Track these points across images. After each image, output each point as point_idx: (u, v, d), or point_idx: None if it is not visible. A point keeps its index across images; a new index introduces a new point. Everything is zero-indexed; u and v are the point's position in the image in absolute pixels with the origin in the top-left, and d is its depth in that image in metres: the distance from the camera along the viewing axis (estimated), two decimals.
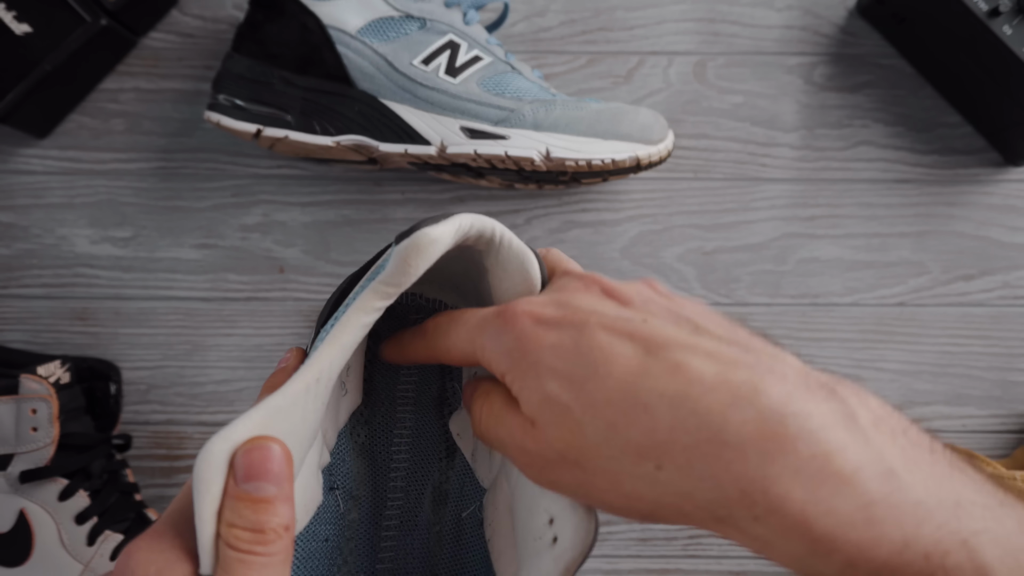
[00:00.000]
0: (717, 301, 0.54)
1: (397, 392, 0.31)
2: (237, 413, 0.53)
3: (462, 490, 0.30)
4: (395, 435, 0.31)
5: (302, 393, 0.23)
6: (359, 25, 0.47)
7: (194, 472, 0.21)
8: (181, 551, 0.21)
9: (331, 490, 0.28)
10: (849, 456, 0.20)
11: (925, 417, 0.54)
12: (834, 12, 0.55)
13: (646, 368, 0.21)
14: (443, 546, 0.30)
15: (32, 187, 0.54)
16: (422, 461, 0.30)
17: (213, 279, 0.54)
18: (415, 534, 0.30)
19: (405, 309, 0.31)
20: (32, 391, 0.46)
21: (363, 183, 0.54)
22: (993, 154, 0.55)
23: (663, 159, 0.49)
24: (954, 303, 0.54)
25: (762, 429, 0.20)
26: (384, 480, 0.30)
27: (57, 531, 0.46)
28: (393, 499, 0.30)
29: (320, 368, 0.23)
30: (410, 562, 0.29)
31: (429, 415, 0.31)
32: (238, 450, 0.21)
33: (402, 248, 0.23)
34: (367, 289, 0.24)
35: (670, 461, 0.20)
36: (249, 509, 0.21)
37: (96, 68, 0.53)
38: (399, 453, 0.30)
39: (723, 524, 0.21)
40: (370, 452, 0.30)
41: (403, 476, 0.30)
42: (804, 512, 0.19)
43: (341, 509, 0.28)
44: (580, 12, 0.55)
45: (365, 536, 0.29)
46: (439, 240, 0.23)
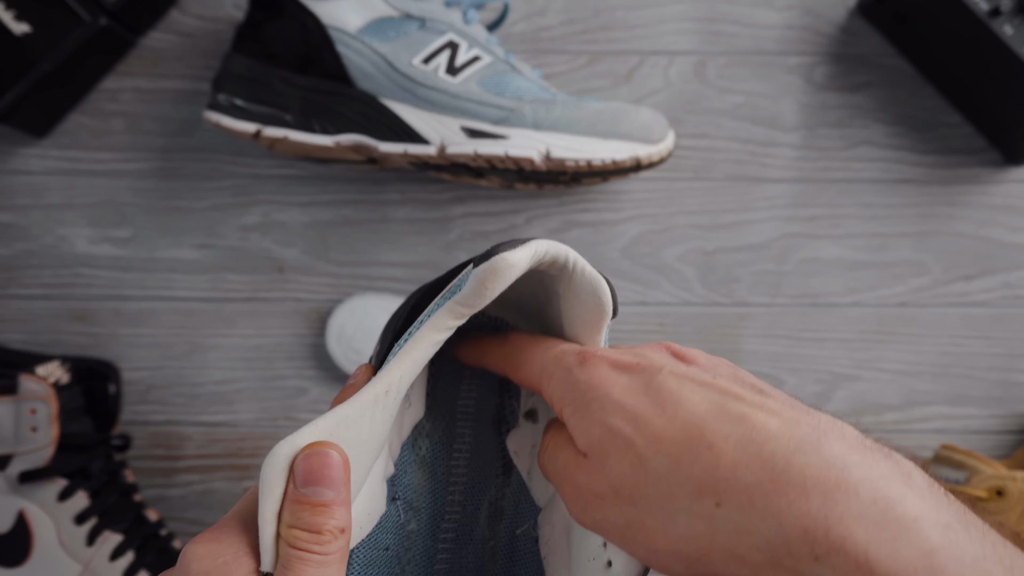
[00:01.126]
0: (717, 301, 0.54)
1: (457, 407, 0.32)
2: (237, 413, 0.54)
3: (517, 507, 0.31)
4: (454, 449, 0.31)
5: (370, 404, 0.24)
6: (359, 25, 0.47)
7: (260, 475, 0.22)
8: (245, 547, 0.23)
9: (393, 500, 0.29)
10: (909, 505, 0.20)
11: (926, 417, 0.54)
12: (834, 12, 0.55)
13: (713, 413, 0.22)
14: (497, 561, 0.30)
15: (32, 187, 0.54)
16: (479, 476, 0.31)
17: (213, 279, 0.54)
18: (470, 548, 0.30)
19: (467, 326, 0.30)
20: (31, 391, 0.46)
21: (363, 183, 0.54)
22: (994, 154, 0.55)
23: (663, 159, 0.49)
24: (955, 303, 0.54)
25: (825, 473, 0.20)
26: (443, 493, 0.31)
27: (56, 531, 0.46)
28: (451, 512, 0.30)
29: (391, 381, 0.24)
30: (464, 575, 0.30)
31: (487, 432, 0.32)
32: (298, 455, 0.22)
33: (480, 271, 0.24)
34: (442, 308, 0.25)
35: (731, 499, 0.21)
36: (308, 512, 0.22)
37: (95, 68, 0.53)
38: (458, 467, 0.31)
39: (780, 567, 0.20)
40: (430, 465, 0.31)
41: (460, 490, 0.31)
42: (867, 553, 0.19)
43: (402, 519, 0.29)
44: (580, 12, 0.55)
45: (423, 547, 0.29)
46: (516, 265, 0.24)
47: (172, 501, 0.53)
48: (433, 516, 0.30)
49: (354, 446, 0.23)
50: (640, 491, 0.22)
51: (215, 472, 0.54)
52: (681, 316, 0.54)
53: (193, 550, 0.23)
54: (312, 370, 0.54)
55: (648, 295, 0.54)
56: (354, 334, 0.51)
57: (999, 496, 0.45)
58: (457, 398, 0.32)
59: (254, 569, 0.22)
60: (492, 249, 0.24)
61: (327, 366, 0.54)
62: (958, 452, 0.48)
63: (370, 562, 0.27)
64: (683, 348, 0.26)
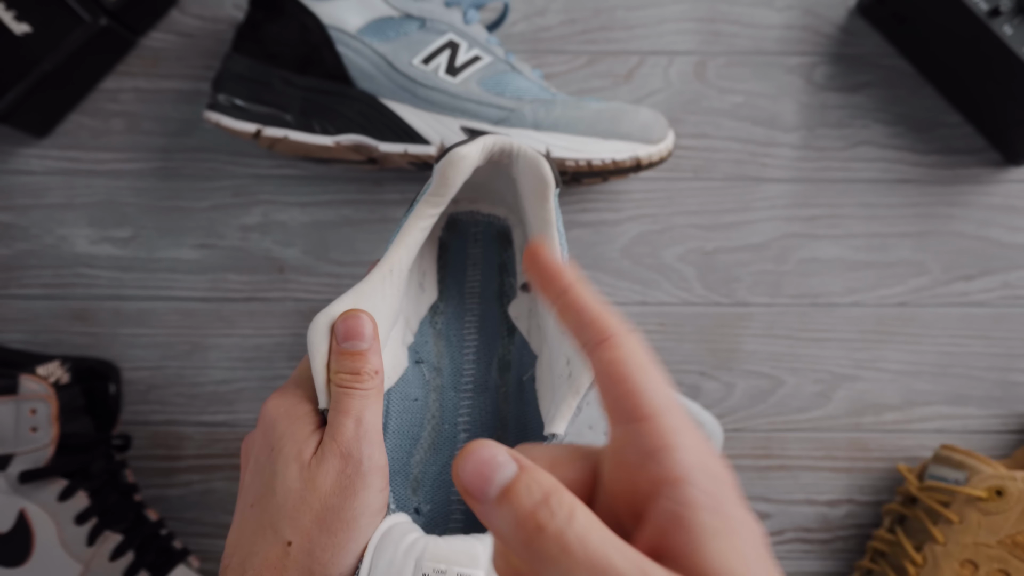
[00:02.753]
0: (717, 301, 0.54)
1: (466, 289, 0.38)
2: (237, 413, 0.54)
3: (521, 359, 0.37)
4: (466, 321, 0.38)
5: (379, 281, 0.31)
6: (359, 25, 0.47)
7: (308, 340, 0.30)
8: (303, 398, 0.30)
9: (417, 363, 0.36)
10: None
11: (926, 417, 0.54)
12: (834, 12, 0.55)
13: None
14: (509, 403, 0.36)
15: (32, 187, 0.54)
16: (488, 339, 0.37)
17: (213, 279, 0.54)
18: (487, 395, 0.36)
19: (466, 224, 0.39)
20: (32, 391, 0.46)
21: (363, 183, 0.54)
22: (994, 154, 0.55)
23: (663, 159, 0.49)
24: (954, 303, 0.54)
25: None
26: (459, 355, 0.37)
27: (57, 531, 0.46)
28: (467, 369, 0.37)
29: (392, 262, 0.32)
30: (484, 416, 0.36)
31: (492, 305, 0.38)
32: (337, 320, 0.30)
33: (440, 165, 0.31)
34: (419, 201, 0.32)
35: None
36: (348, 359, 0.30)
37: (96, 68, 0.53)
38: (469, 334, 0.38)
39: None
40: (446, 335, 0.38)
41: (473, 351, 0.37)
42: None
43: (426, 377, 0.36)
44: (580, 12, 0.55)
45: (448, 397, 0.36)
46: (468, 156, 0.31)
47: (172, 501, 0.53)
48: (453, 373, 0.37)
49: (372, 313, 0.31)
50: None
51: (215, 472, 0.54)
52: (681, 316, 0.54)
53: (269, 403, 0.30)
54: None
55: (648, 295, 0.54)
56: None
57: (999, 496, 0.45)
58: (465, 282, 0.38)
59: (312, 409, 0.30)
60: (449, 147, 0.31)
61: None
62: (958, 452, 0.48)
63: (403, 410, 0.35)
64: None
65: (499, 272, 0.39)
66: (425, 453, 0.35)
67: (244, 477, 0.31)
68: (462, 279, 0.39)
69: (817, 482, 0.54)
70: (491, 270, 0.39)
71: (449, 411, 0.36)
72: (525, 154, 0.32)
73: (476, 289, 0.39)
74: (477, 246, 0.39)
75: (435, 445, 0.35)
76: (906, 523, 0.50)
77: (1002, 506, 0.45)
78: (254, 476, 0.30)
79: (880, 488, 0.54)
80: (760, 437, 0.54)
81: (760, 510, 0.54)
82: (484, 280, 0.39)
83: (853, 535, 0.54)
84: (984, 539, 0.45)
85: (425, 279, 0.38)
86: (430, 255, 0.39)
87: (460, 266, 0.39)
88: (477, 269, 0.39)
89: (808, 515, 0.54)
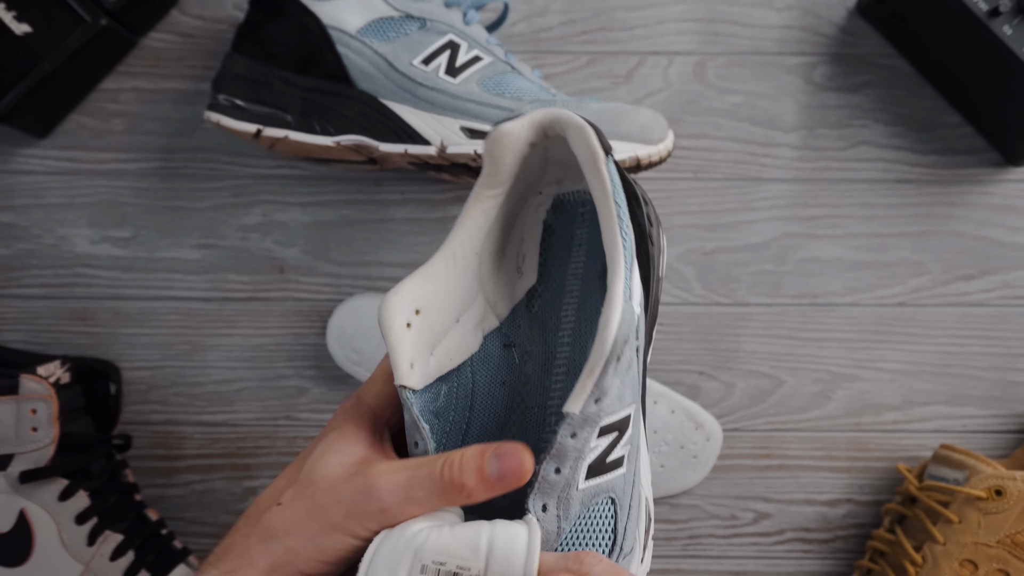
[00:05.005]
0: (717, 301, 0.54)
1: (569, 270, 0.37)
2: (237, 413, 0.54)
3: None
4: (564, 303, 0.37)
5: (442, 263, 0.31)
6: (359, 25, 0.47)
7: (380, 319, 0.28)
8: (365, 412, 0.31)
9: (506, 347, 0.36)
10: None
11: (925, 417, 0.54)
12: (834, 12, 0.55)
13: None
14: None
15: (32, 187, 0.54)
16: (585, 321, 0.36)
17: (213, 279, 0.54)
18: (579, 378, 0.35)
19: (573, 204, 0.37)
20: (32, 391, 0.46)
21: (363, 183, 0.54)
22: (993, 154, 0.55)
23: (663, 159, 0.49)
24: (954, 303, 0.54)
25: None
26: (554, 339, 0.36)
27: (57, 531, 0.46)
28: (561, 352, 0.36)
29: (454, 246, 0.31)
30: None
31: (593, 285, 0.37)
32: (495, 451, 0.26)
33: (485, 145, 0.31)
34: (477, 184, 0.32)
35: None
36: (483, 490, 0.27)
37: (96, 68, 0.53)
38: (567, 317, 0.36)
39: None
40: (542, 319, 0.37)
41: (569, 333, 0.36)
42: None
43: (516, 361, 0.36)
44: (580, 12, 0.55)
45: (539, 382, 0.35)
46: (511, 132, 0.30)
47: (172, 501, 0.54)
48: (546, 356, 0.36)
49: (436, 295, 0.31)
50: None
51: (215, 472, 0.54)
52: (681, 316, 0.54)
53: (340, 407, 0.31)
54: (312, 370, 0.54)
55: None
56: (354, 334, 0.51)
57: (998, 496, 0.45)
58: (568, 263, 0.37)
59: (370, 424, 0.30)
60: (495, 123, 0.31)
61: (327, 366, 0.54)
62: (957, 452, 0.48)
63: (490, 394, 0.34)
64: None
65: (603, 254, 0.37)
66: (513, 436, 0.34)
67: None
68: (566, 261, 0.38)
69: (817, 482, 0.54)
70: (597, 250, 0.37)
71: (539, 395, 0.35)
72: (572, 124, 0.31)
73: (579, 271, 0.37)
74: (584, 226, 0.38)
75: (523, 428, 0.35)
76: (906, 523, 0.50)
77: (1001, 506, 0.45)
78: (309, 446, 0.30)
79: (880, 488, 0.54)
80: (760, 437, 0.54)
81: (760, 510, 0.54)
82: (588, 261, 0.37)
83: (853, 535, 0.54)
84: (983, 539, 0.45)
85: (524, 263, 0.37)
86: (532, 239, 0.38)
87: (565, 248, 0.38)
88: (582, 250, 0.37)
89: (808, 515, 0.54)
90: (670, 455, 0.51)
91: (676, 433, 0.51)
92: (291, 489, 0.28)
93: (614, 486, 0.29)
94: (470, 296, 0.34)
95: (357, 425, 0.29)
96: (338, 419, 0.30)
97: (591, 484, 0.28)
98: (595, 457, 0.28)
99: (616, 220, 0.30)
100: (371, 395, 0.31)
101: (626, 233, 0.31)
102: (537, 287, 0.37)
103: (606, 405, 0.28)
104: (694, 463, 0.52)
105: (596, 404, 0.28)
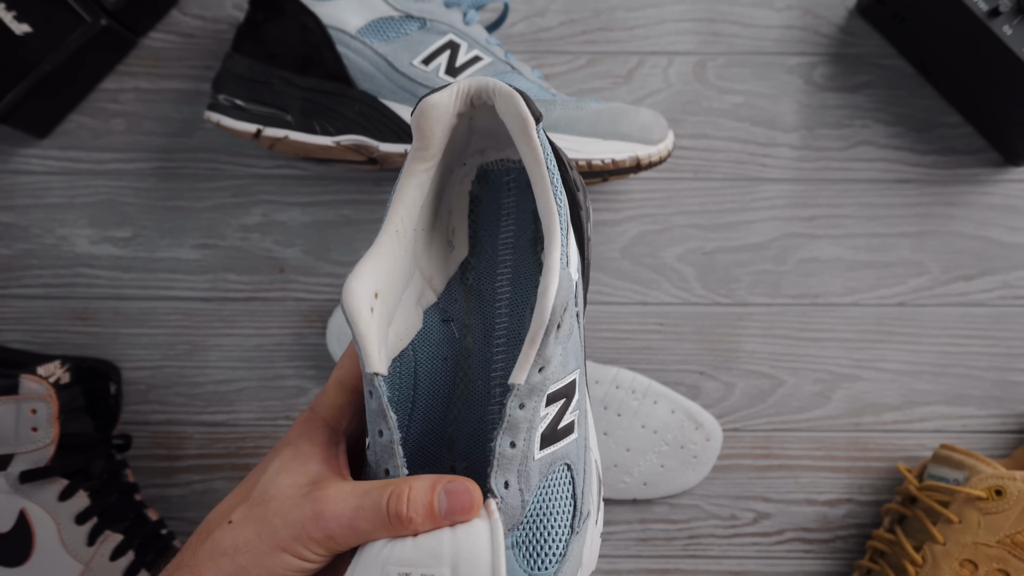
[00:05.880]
0: (717, 301, 0.54)
1: (499, 240, 0.37)
2: (237, 413, 0.54)
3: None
4: (498, 273, 0.36)
5: (388, 243, 0.30)
6: (359, 25, 0.47)
7: (345, 305, 0.28)
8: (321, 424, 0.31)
9: (445, 322, 0.35)
10: None
11: (925, 417, 0.54)
12: (834, 12, 0.55)
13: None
14: None
15: (32, 187, 0.54)
16: (521, 289, 0.36)
17: (213, 279, 0.54)
18: (519, 347, 0.34)
19: (498, 173, 0.37)
20: (32, 391, 0.46)
21: (363, 183, 0.54)
22: (993, 154, 0.55)
23: (663, 159, 0.49)
24: (954, 303, 0.54)
25: None
26: (491, 309, 0.36)
27: (57, 531, 0.46)
28: (500, 323, 0.36)
29: (394, 224, 0.31)
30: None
31: (525, 253, 0.37)
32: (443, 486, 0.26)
33: (413, 118, 0.30)
34: (408, 159, 0.31)
35: None
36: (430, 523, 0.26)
37: (96, 68, 0.53)
38: (502, 287, 0.36)
39: None
40: (478, 290, 0.36)
41: (506, 303, 0.36)
42: None
43: (456, 336, 0.35)
44: (580, 12, 0.55)
45: (480, 354, 0.35)
46: (438, 103, 0.30)
47: (172, 501, 0.54)
48: (485, 328, 0.36)
49: (388, 274, 0.30)
50: None
51: (215, 472, 0.54)
52: (681, 316, 0.54)
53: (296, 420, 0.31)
54: (312, 370, 0.54)
55: (648, 295, 0.54)
56: None
57: (998, 496, 0.45)
58: (498, 233, 0.37)
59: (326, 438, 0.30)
60: (420, 97, 0.31)
61: (327, 366, 0.54)
62: (957, 452, 0.48)
63: (433, 371, 0.34)
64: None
65: (533, 219, 0.37)
66: (459, 411, 0.34)
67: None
68: (495, 231, 0.37)
69: (817, 482, 0.54)
70: (525, 217, 0.37)
71: (481, 367, 0.35)
72: (500, 91, 0.30)
73: (510, 240, 0.37)
74: (511, 195, 0.38)
75: (468, 403, 0.34)
76: (906, 523, 0.50)
77: (1001, 506, 0.45)
78: (263, 461, 0.30)
79: (880, 488, 0.54)
80: (760, 437, 0.54)
81: (760, 510, 0.54)
82: (518, 229, 0.37)
83: (853, 535, 0.54)
84: (983, 539, 0.45)
85: (455, 236, 0.37)
86: (460, 211, 0.37)
87: (493, 218, 0.37)
88: (511, 219, 0.37)
89: (808, 515, 0.54)
90: (670, 455, 0.51)
91: (676, 433, 0.51)
92: (243, 507, 0.28)
93: (568, 452, 0.29)
94: (409, 273, 0.33)
95: (311, 441, 0.29)
96: (292, 434, 0.30)
97: (546, 453, 0.28)
98: (546, 425, 0.28)
99: (550, 187, 0.30)
100: (324, 407, 0.31)
101: (560, 200, 0.30)
102: (470, 259, 0.37)
103: (551, 373, 0.28)
104: (694, 463, 0.52)
105: (540, 373, 0.27)
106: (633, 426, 0.51)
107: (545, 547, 0.28)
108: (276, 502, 0.27)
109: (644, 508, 0.54)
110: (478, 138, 0.35)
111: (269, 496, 0.28)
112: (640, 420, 0.51)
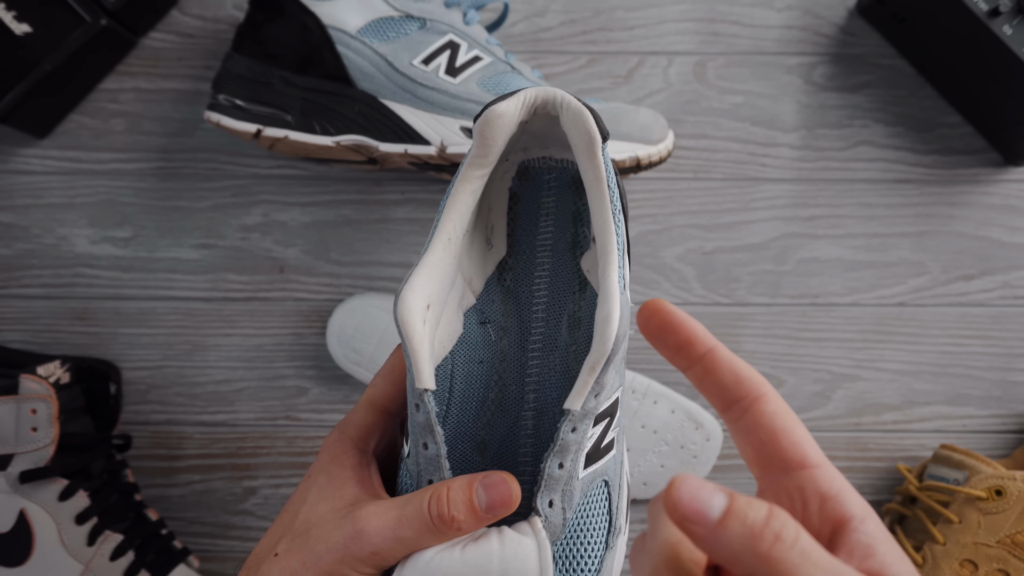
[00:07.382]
0: (717, 301, 0.54)
1: (537, 241, 0.36)
2: (237, 413, 0.54)
3: (592, 316, 0.34)
4: (535, 276, 0.36)
5: (442, 252, 0.30)
6: (359, 25, 0.47)
7: (398, 319, 0.27)
8: (352, 446, 0.31)
9: (482, 324, 0.35)
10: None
11: (925, 417, 0.54)
12: (834, 12, 0.55)
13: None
14: (578, 362, 0.34)
15: (32, 187, 0.54)
16: (558, 294, 0.35)
17: (213, 279, 0.54)
18: (555, 354, 0.34)
19: (539, 171, 0.36)
20: (32, 391, 0.46)
21: (363, 183, 0.54)
22: (993, 154, 0.55)
23: (663, 159, 0.49)
24: (954, 303, 0.54)
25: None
26: (528, 313, 0.36)
27: (57, 531, 0.46)
28: (536, 327, 0.35)
29: (448, 230, 0.31)
30: (552, 376, 0.34)
31: (564, 257, 0.36)
32: (483, 483, 0.26)
33: (477, 125, 0.30)
34: (464, 165, 0.31)
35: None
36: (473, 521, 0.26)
37: (96, 68, 0.53)
38: (539, 290, 0.36)
39: None
40: (515, 292, 0.36)
41: (543, 308, 0.36)
42: None
43: (492, 338, 0.35)
44: (580, 12, 0.55)
45: (515, 357, 0.35)
46: (504, 113, 0.30)
47: (172, 501, 0.54)
48: (521, 332, 0.35)
49: (439, 284, 0.30)
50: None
51: (215, 472, 0.54)
52: None
53: (328, 437, 0.31)
54: (312, 370, 0.54)
55: (648, 295, 0.54)
56: (354, 334, 0.51)
57: (998, 496, 0.45)
58: (536, 234, 0.36)
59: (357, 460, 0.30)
60: (487, 104, 0.30)
61: (327, 366, 0.54)
62: (957, 452, 0.48)
63: (468, 374, 0.34)
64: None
65: (573, 221, 0.36)
66: (492, 416, 0.34)
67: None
68: (534, 231, 0.37)
69: None
70: (565, 219, 0.36)
71: (516, 372, 0.34)
72: (569, 106, 0.30)
73: (548, 241, 0.36)
74: (551, 195, 0.37)
75: (502, 407, 0.34)
76: (906, 523, 0.50)
77: (1001, 506, 0.45)
78: (299, 489, 0.31)
79: (880, 488, 0.54)
80: None
81: None
82: (556, 231, 0.36)
83: None
84: (983, 539, 0.45)
85: (494, 234, 0.36)
86: (499, 208, 0.37)
87: (532, 217, 0.37)
88: (550, 219, 0.36)
89: None
90: (670, 455, 0.51)
91: (676, 433, 0.51)
92: (287, 538, 0.28)
93: (607, 469, 0.29)
94: (455, 277, 0.33)
95: (343, 465, 0.30)
96: (323, 459, 0.30)
97: (589, 471, 0.28)
98: (591, 445, 0.28)
99: (609, 206, 0.30)
100: (353, 427, 0.31)
101: (619, 220, 0.30)
102: (508, 259, 0.36)
103: (604, 397, 0.28)
104: (694, 463, 0.52)
105: (595, 399, 0.27)
106: (633, 426, 0.51)
107: (581, 563, 0.28)
108: (317, 529, 0.28)
109: (644, 508, 0.54)
110: (525, 137, 0.35)
111: (311, 524, 0.28)
112: (640, 420, 0.51)
